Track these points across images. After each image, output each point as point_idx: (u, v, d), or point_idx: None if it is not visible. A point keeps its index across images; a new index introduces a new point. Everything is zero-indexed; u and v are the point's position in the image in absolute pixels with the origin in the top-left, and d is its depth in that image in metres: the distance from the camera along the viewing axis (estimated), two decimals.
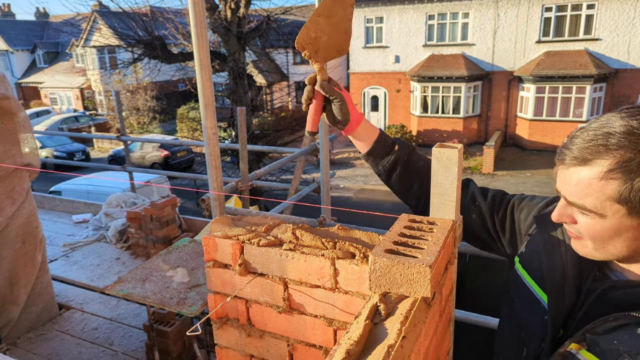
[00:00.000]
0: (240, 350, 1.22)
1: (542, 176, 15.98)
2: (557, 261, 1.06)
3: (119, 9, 11.21)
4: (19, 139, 3.01)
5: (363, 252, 1.02)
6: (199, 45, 2.05)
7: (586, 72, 16.62)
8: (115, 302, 3.65)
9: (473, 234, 1.32)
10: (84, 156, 21.22)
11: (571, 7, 17.37)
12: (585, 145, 0.89)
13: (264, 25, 10.34)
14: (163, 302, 2.45)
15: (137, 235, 4.11)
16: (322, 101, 1.21)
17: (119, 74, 22.19)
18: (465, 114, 19.18)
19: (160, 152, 18.66)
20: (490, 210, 1.29)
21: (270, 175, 10.62)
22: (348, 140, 22.24)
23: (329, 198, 3.63)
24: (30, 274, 3.13)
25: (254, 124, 11.33)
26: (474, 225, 1.30)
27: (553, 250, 1.08)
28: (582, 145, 0.90)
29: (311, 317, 1.08)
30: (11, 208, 2.94)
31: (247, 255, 1.12)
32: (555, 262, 1.06)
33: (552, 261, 1.07)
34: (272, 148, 6.06)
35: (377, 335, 0.79)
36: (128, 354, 3.05)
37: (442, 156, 1.00)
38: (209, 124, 2.17)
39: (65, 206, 5.49)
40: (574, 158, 0.91)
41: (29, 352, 3.07)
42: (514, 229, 1.25)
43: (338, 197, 15.01)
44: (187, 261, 2.87)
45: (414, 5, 19.60)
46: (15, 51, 33.29)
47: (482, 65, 19.11)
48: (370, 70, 21.31)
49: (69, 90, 31.11)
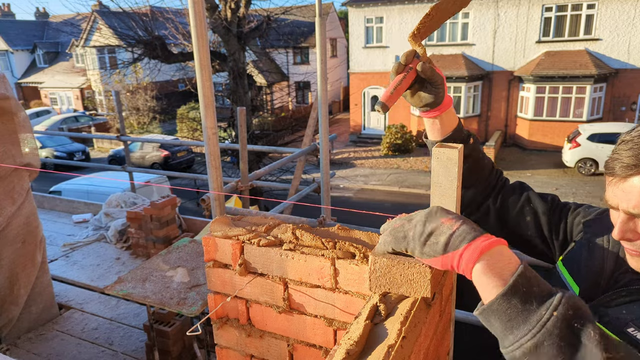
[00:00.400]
0: (240, 350, 1.22)
1: (542, 176, 15.98)
2: (597, 256, 1.06)
3: (119, 9, 11.21)
4: (19, 139, 3.01)
5: (363, 252, 1.01)
6: (199, 45, 2.05)
7: (586, 72, 16.62)
8: (115, 302, 3.65)
9: (524, 237, 1.29)
10: (84, 156, 21.22)
11: (571, 7, 17.37)
12: (638, 152, 0.85)
13: (264, 25, 10.35)
14: (163, 302, 2.44)
15: (137, 235, 4.11)
16: (411, 80, 1.14)
17: (119, 74, 22.20)
18: (465, 113, 19.18)
19: (160, 152, 18.66)
20: (548, 212, 1.26)
21: (270, 175, 10.62)
22: (348, 140, 22.29)
23: (329, 198, 3.63)
24: (30, 274, 3.13)
25: (254, 124, 11.32)
26: (527, 228, 1.27)
27: (594, 249, 1.08)
28: (634, 153, 0.86)
29: (311, 317, 1.08)
30: (11, 208, 2.94)
31: (247, 255, 1.12)
32: (595, 256, 1.06)
33: (592, 255, 1.07)
34: (272, 148, 6.06)
35: (377, 335, 0.79)
36: (128, 354, 3.05)
37: (442, 156, 1.00)
38: (209, 124, 2.17)
39: (65, 206, 5.49)
40: (630, 166, 0.86)
41: (29, 352, 3.07)
42: (567, 232, 1.24)
43: (338, 197, 15.01)
44: (187, 261, 2.87)
45: (414, 5, 19.60)
46: (15, 51, 33.29)
47: (482, 65, 19.11)
48: (371, 70, 21.31)
49: (69, 90, 31.11)
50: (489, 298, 0.72)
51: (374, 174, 17.56)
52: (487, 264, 0.74)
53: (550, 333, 0.65)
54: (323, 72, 3.23)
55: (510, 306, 0.69)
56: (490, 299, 0.72)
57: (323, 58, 3.18)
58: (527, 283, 0.70)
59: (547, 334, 0.66)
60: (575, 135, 15.73)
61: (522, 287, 0.69)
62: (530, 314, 0.68)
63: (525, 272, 0.71)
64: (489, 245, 0.75)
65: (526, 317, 0.68)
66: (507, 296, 0.70)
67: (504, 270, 0.73)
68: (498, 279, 0.72)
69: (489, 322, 0.73)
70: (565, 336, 0.65)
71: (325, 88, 3.25)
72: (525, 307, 0.68)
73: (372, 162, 19.07)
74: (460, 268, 0.76)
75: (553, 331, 0.65)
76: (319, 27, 3.12)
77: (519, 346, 0.68)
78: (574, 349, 0.64)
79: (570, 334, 0.65)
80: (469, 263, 0.75)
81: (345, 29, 28.81)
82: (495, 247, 0.75)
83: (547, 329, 0.66)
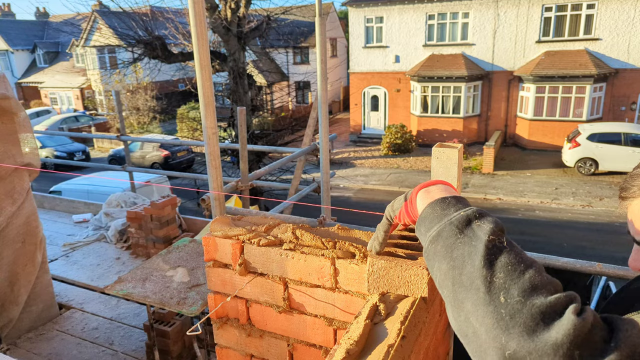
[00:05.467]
0: (240, 350, 1.23)
1: (542, 176, 15.98)
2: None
3: (119, 9, 11.21)
4: (19, 139, 3.01)
5: (363, 252, 1.02)
6: (199, 45, 2.05)
7: (586, 72, 16.62)
8: (115, 301, 3.65)
9: None
10: (84, 156, 21.22)
11: (571, 7, 17.37)
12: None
13: (264, 25, 10.35)
14: (163, 302, 2.45)
15: (137, 235, 4.11)
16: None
17: (119, 73, 22.22)
18: (465, 113, 19.18)
19: (160, 152, 18.66)
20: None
21: (270, 175, 10.62)
22: (348, 140, 22.30)
23: (329, 198, 3.63)
24: (31, 273, 3.14)
25: (254, 124, 11.32)
26: None
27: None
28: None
29: (311, 317, 1.08)
30: (11, 208, 2.94)
31: (247, 255, 1.12)
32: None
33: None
34: (272, 148, 6.06)
35: (377, 334, 0.79)
36: (128, 354, 3.05)
37: (442, 156, 1.01)
38: (209, 124, 2.17)
39: (66, 206, 5.49)
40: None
41: (29, 351, 3.07)
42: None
43: (338, 197, 15.01)
44: (187, 261, 2.87)
45: (414, 5, 19.60)
46: (16, 51, 33.29)
47: (482, 65, 19.11)
48: (371, 70, 21.31)
49: (69, 90, 31.11)
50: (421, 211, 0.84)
51: (374, 174, 17.56)
52: (425, 191, 0.86)
53: (451, 223, 0.75)
54: (323, 72, 3.23)
55: (433, 211, 0.80)
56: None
57: (323, 58, 3.18)
58: (454, 201, 0.80)
59: (448, 224, 0.75)
60: (575, 135, 15.73)
61: (449, 200, 0.80)
62: (444, 214, 0.78)
63: (456, 196, 0.82)
64: (431, 182, 0.88)
65: (441, 217, 0.78)
66: (432, 204, 0.81)
67: (437, 194, 0.84)
68: (430, 199, 0.83)
69: (419, 231, 0.82)
70: (463, 226, 0.73)
71: (325, 88, 3.25)
72: (444, 212, 0.78)
73: (372, 162, 19.07)
74: (412, 205, 0.88)
75: (454, 222, 0.75)
76: (319, 27, 3.13)
77: (428, 237, 0.78)
78: (464, 234, 0.72)
79: (467, 226, 0.73)
80: (413, 194, 0.88)
81: (345, 29, 28.81)
82: (438, 184, 0.87)
83: (450, 221, 0.75)
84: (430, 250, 0.77)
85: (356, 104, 22.16)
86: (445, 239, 0.74)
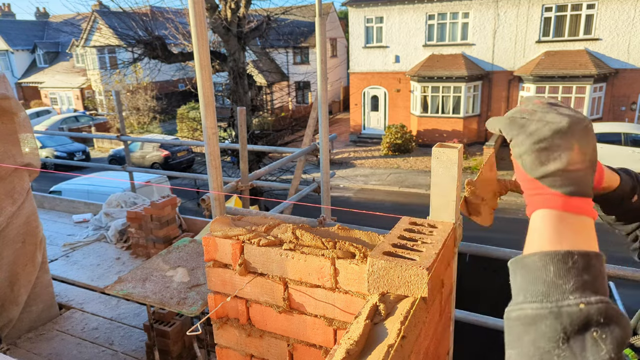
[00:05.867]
0: (240, 350, 1.23)
1: None
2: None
3: (119, 9, 11.21)
4: (19, 139, 3.01)
5: (363, 252, 1.02)
6: (199, 45, 2.05)
7: (586, 72, 16.62)
8: (115, 302, 3.65)
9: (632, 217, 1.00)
10: (84, 156, 21.23)
11: (571, 7, 17.37)
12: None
13: (264, 25, 10.35)
14: (163, 302, 2.45)
15: (137, 235, 4.11)
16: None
17: (119, 74, 22.22)
18: (465, 113, 19.18)
19: (161, 152, 18.66)
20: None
21: (270, 175, 10.62)
22: (348, 140, 22.30)
23: (329, 198, 3.63)
24: (31, 273, 3.14)
25: (254, 124, 11.33)
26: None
27: None
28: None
29: (311, 317, 1.08)
30: (11, 208, 2.94)
31: (247, 255, 1.12)
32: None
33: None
34: (272, 148, 6.06)
35: (377, 334, 0.79)
36: (128, 354, 3.05)
37: (442, 156, 1.00)
38: (209, 124, 2.17)
39: (66, 206, 5.49)
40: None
41: (29, 351, 3.07)
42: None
43: (338, 197, 15.01)
44: (187, 261, 2.87)
45: (414, 5, 19.60)
46: (16, 51, 33.30)
47: (482, 65, 19.11)
48: (371, 70, 21.31)
49: (69, 90, 31.12)
50: (530, 251, 0.60)
51: (374, 174, 17.56)
52: (560, 218, 0.61)
53: (558, 317, 0.51)
54: (323, 72, 3.23)
55: (543, 270, 0.56)
56: (529, 251, 0.60)
57: (323, 58, 3.18)
58: (581, 266, 0.55)
59: (554, 317, 0.52)
60: None
61: (572, 264, 0.55)
62: (556, 289, 0.54)
63: (590, 258, 0.55)
64: (578, 210, 0.62)
65: (548, 290, 0.54)
66: (547, 258, 0.56)
67: (568, 238, 0.59)
68: (554, 239, 0.59)
69: (514, 273, 0.60)
70: (572, 332, 0.51)
71: (325, 88, 3.25)
72: (555, 281, 0.54)
73: (372, 162, 19.07)
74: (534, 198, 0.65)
75: (563, 318, 0.51)
76: (319, 27, 3.13)
77: (520, 309, 0.56)
78: (568, 346, 0.50)
79: (579, 334, 0.51)
80: (546, 202, 0.63)
81: (345, 29, 28.80)
82: (583, 216, 0.62)
83: (559, 312, 0.52)
84: (514, 328, 0.56)
85: (356, 104, 22.16)
86: (537, 334, 0.52)
